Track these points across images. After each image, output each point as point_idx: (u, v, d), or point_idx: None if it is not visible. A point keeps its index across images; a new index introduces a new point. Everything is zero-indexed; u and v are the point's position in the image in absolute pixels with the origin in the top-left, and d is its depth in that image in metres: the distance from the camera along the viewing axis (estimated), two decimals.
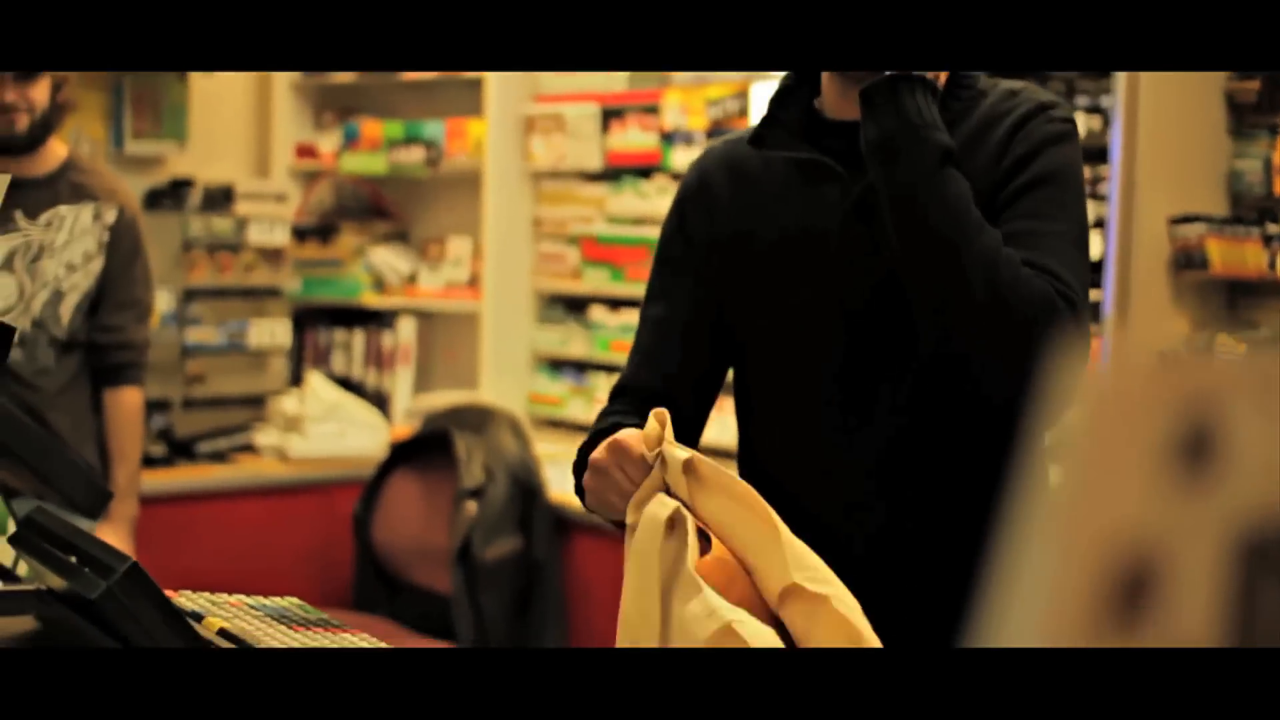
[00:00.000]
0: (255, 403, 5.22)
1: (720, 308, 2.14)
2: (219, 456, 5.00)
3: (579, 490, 2.03)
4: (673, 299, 2.17)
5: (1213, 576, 0.55)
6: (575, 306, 5.08)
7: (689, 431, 2.16)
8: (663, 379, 2.15)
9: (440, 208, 5.69)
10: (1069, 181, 2.01)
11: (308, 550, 4.80)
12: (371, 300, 5.58)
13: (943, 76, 2.00)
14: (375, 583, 4.49)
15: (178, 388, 5.05)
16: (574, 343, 5.01)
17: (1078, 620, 0.53)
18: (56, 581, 1.72)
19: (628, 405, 2.14)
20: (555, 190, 5.16)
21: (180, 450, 4.95)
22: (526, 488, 4.46)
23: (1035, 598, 0.54)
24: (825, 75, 2.12)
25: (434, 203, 5.73)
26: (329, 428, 5.01)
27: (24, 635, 1.77)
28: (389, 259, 5.61)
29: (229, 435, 5.07)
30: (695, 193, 2.18)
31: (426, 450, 4.70)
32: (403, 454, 4.79)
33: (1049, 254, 1.95)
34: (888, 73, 1.94)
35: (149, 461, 4.41)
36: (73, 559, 1.67)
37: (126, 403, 3.96)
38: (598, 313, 4.96)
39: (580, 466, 2.02)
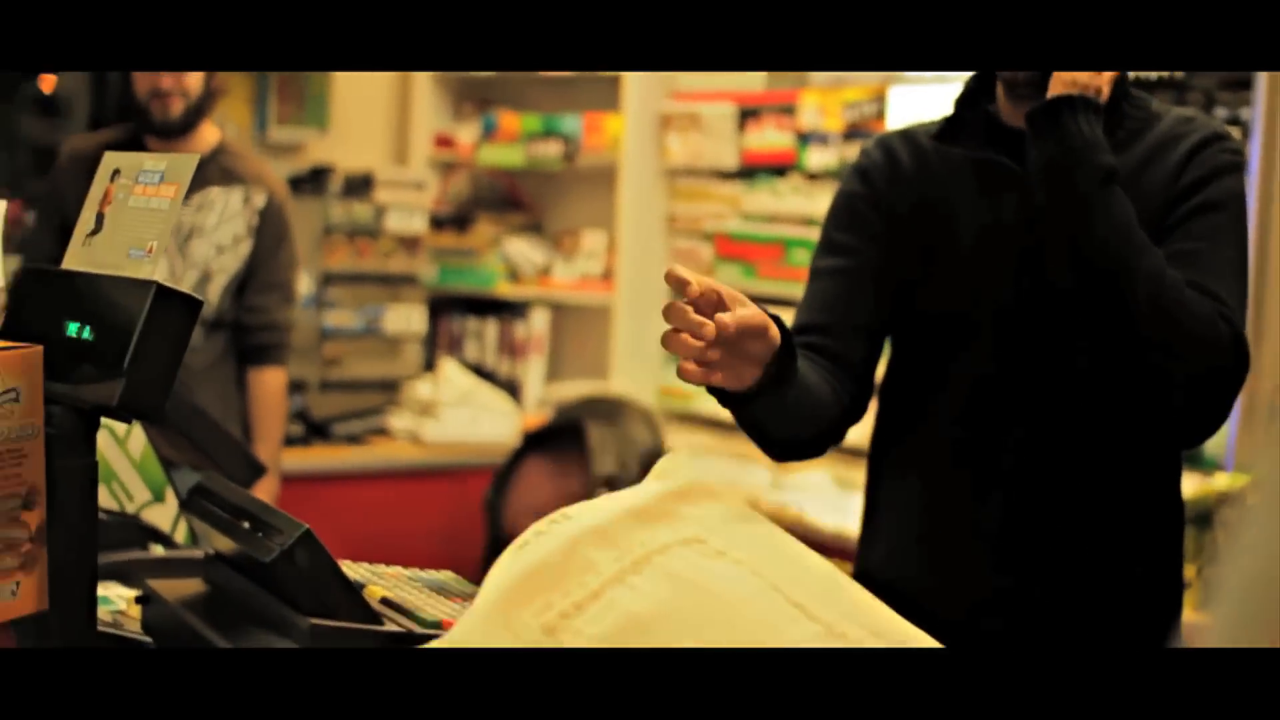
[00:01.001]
0: (390, 387, 5.32)
1: (892, 272, 2.20)
2: (354, 438, 5.10)
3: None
4: (849, 253, 2.23)
5: None
6: None
7: (856, 382, 2.23)
8: (834, 324, 2.21)
9: (575, 201, 5.76)
10: (1237, 211, 2.06)
11: (438, 533, 4.89)
12: (506, 290, 5.66)
13: (1106, 90, 2.03)
14: None
15: (315, 370, 5.16)
16: None
17: None
18: (227, 545, 1.79)
19: (809, 340, 2.21)
20: (690, 187, 5.21)
21: (316, 431, 5.06)
22: None
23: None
24: (998, 83, 2.17)
25: (569, 196, 5.80)
26: (462, 413, 5.09)
27: (193, 598, 1.84)
28: (524, 250, 5.69)
29: (364, 418, 5.17)
30: (881, 161, 2.25)
31: (559, 439, 4.77)
32: (535, 441, 4.87)
33: (1213, 277, 1.99)
34: (1050, 96, 1.99)
35: (286, 441, 4.52)
36: (245, 524, 1.75)
37: (270, 382, 4.07)
38: None
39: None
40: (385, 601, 1.78)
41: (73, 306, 1.68)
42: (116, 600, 2.05)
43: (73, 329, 1.66)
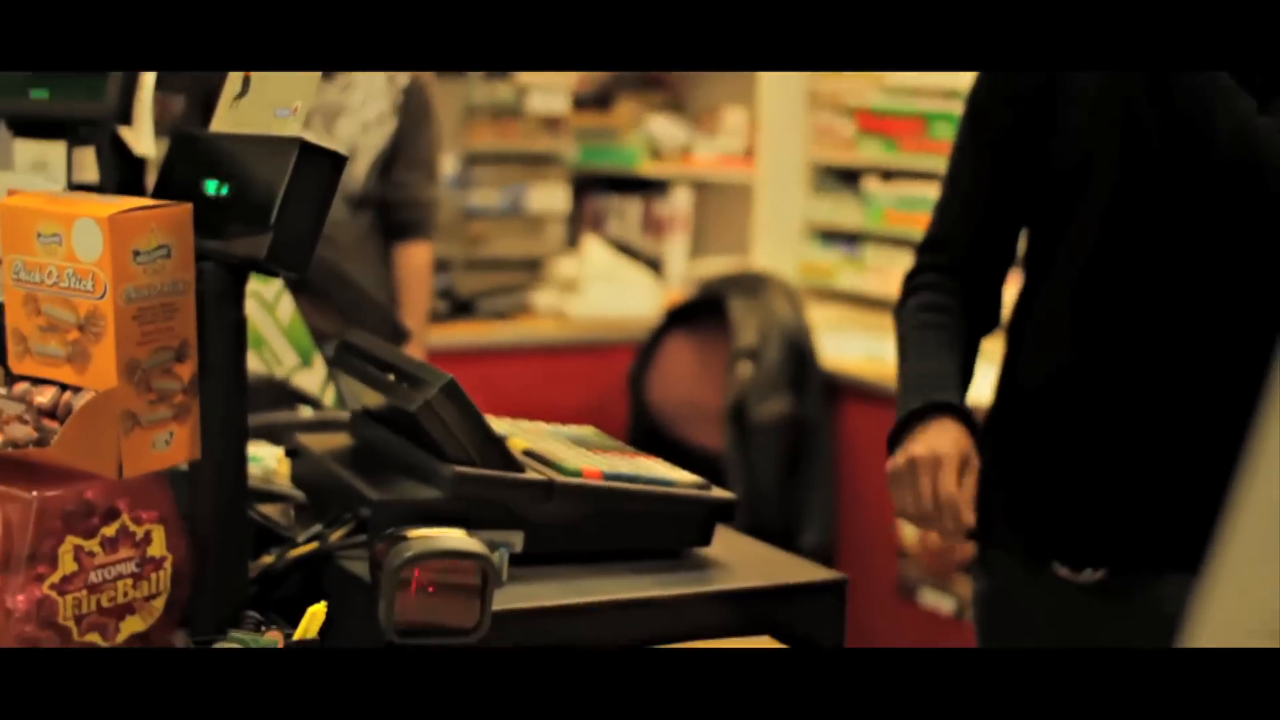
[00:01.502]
0: (533, 265, 5.36)
1: (1026, 172, 2.17)
2: (499, 314, 5.15)
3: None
4: (984, 156, 2.20)
5: None
6: (849, 178, 5.10)
7: (988, 295, 2.22)
8: (975, 229, 2.20)
9: (716, 78, 5.74)
10: None
11: (582, 408, 4.94)
12: (648, 169, 5.67)
13: None
14: (648, 441, 4.60)
15: (460, 248, 5.21)
16: (847, 213, 5.04)
17: None
18: (375, 399, 1.84)
19: (940, 259, 2.21)
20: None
21: (462, 308, 5.12)
22: (799, 351, 4.53)
23: None
24: None
25: (710, 73, 5.78)
26: (605, 289, 5.13)
27: (341, 451, 1.89)
28: (666, 128, 5.69)
29: (508, 294, 5.22)
30: None
31: (701, 314, 4.79)
32: (678, 317, 4.89)
33: None
34: None
35: (431, 318, 4.58)
36: (391, 377, 1.79)
37: (416, 257, 4.13)
38: (871, 184, 4.98)
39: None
40: (528, 453, 1.82)
41: (221, 166, 1.72)
42: (267, 458, 2.10)
43: (221, 188, 1.70)
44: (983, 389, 2.23)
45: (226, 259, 1.67)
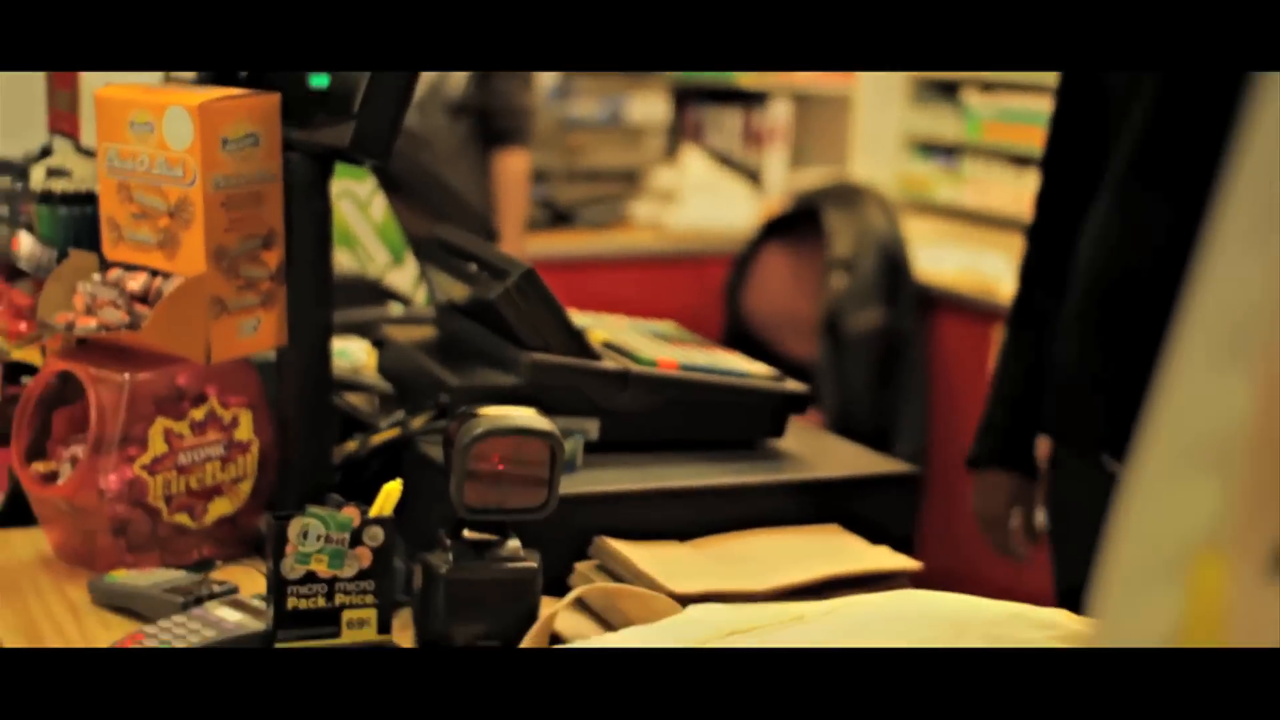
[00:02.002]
0: (632, 176, 5.38)
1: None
2: (597, 224, 5.18)
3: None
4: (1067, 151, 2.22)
5: None
6: (948, 89, 5.07)
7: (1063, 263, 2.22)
8: (1057, 232, 2.22)
9: None
10: None
11: (677, 317, 4.94)
12: (747, 81, 5.66)
13: None
14: (742, 350, 4.62)
15: (559, 159, 5.23)
16: (946, 125, 5.01)
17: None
18: (459, 291, 1.87)
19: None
20: None
21: (560, 218, 5.15)
22: (893, 262, 4.53)
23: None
24: None
25: None
26: (703, 200, 5.14)
27: (426, 341, 1.93)
28: None
29: (606, 205, 5.25)
30: None
31: (797, 225, 4.79)
32: (774, 228, 4.89)
33: None
34: None
35: (530, 227, 4.62)
36: (474, 267, 1.82)
37: (513, 164, 4.16)
38: (971, 96, 4.95)
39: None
40: (607, 344, 1.85)
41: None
42: (356, 352, 2.15)
43: (309, 80, 1.73)
44: None
45: (312, 148, 1.71)
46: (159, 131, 1.69)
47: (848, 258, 4.48)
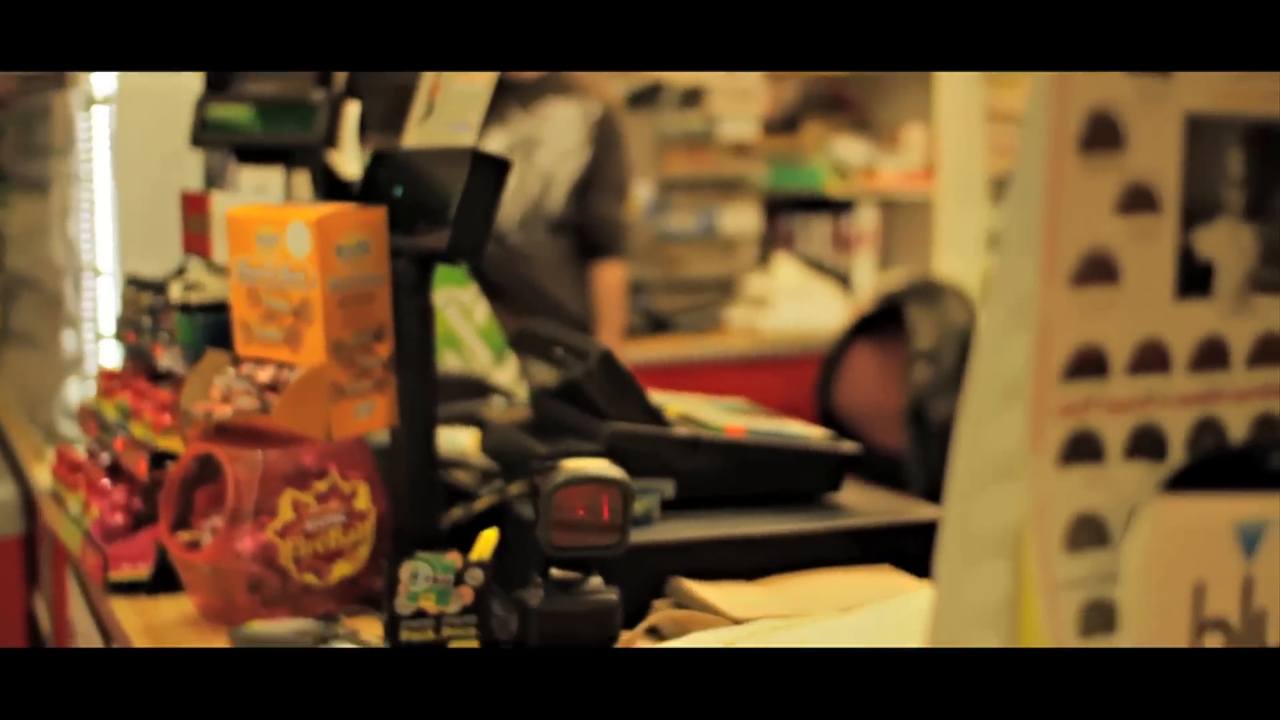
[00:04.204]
0: (726, 284, 5.63)
1: None
2: (694, 330, 5.43)
3: None
4: None
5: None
6: None
7: None
8: None
9: (898, 97, 5.95)
10: None
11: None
12: (834, 188, 5.91)
13: None
14: None
15: (657, 270, 5.50)
16: None
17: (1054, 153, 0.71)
18: (549, 375, 2.11)
19: None
20: (1009, 74, 5.36)
21: (659, 325, 5.40)
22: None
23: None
24: None
25: (892, 91, 6.00)
26: (796, 305, 5.38)
27: (521, 420, 2.17)
28: (851, 148, 5.92)
29: (703, 311, 5.50)
30: None
31: (883, 323, 5.01)
32: (863, 326, 5.11)
33: None
34: None
35: (631, 332, 4.86)
36: (560, 351, 2.06)
37: (610, 274, 4.42)
38: None
39: None
40: (682, 416, 2.08)
41: (410, 175, 2.01)
42: (463, 440, 2.39)
43: (410, 192, 1.99)
44: None
45: (415, 252, 1.97)
46: (282, 243, 1.95)
47: (930, 350, 4.69)
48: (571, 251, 4.42)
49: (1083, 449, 0.71)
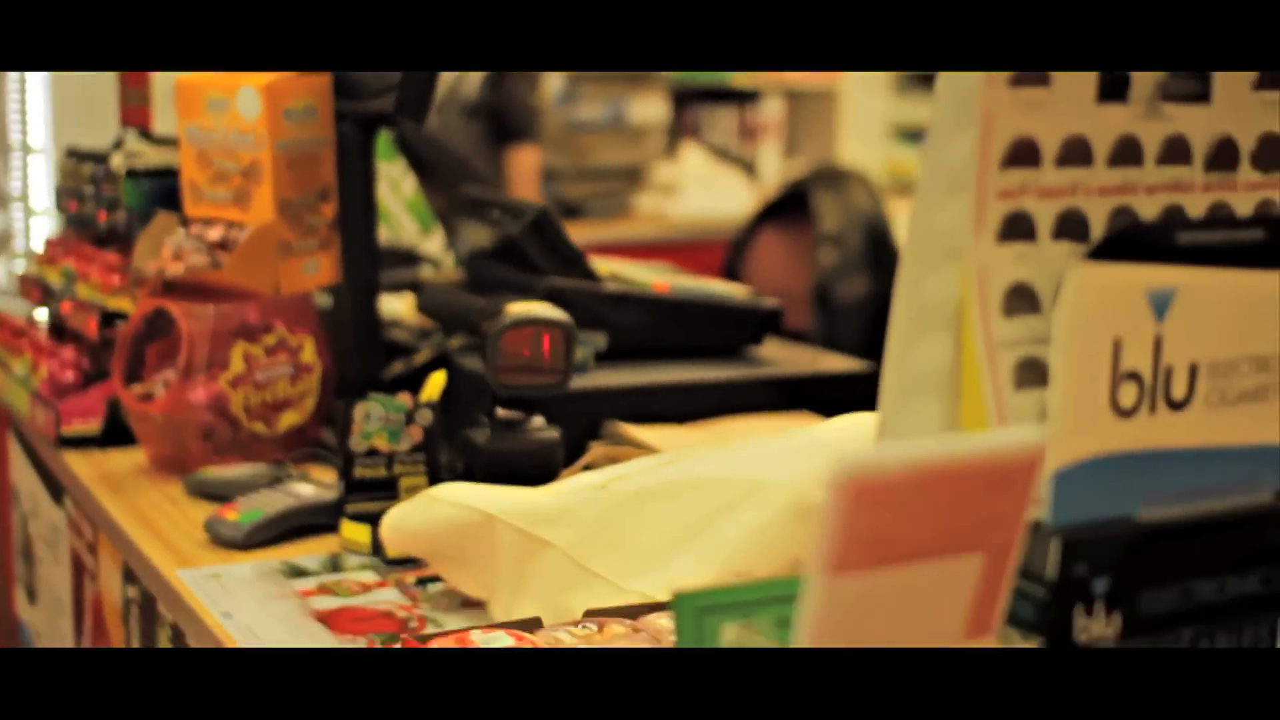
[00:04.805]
0: (635, 172, 5.72)
1: None
2: (604, 217, 5.53)
3: None
4: None
5: None
6: (927, 80, 5.41)
7: None
8: None
9: None
10: None
11: None
12: (740, 79, 6.00)
13: None
14: None
15: (567, 159, 5.58)
16: (926, 113, 5.34)
17: None
18: (485, 237, 2.21)
19: None
20: None
21: (570, 212, 5.49)
22: (878, 236, 4.86)
23: None
24: None
25: None
26: (702, 192, 5.48)
27: (459, 283, 2.27)
28: None
29: (612, 199, 5.59)
30: None
31: (788, 208, 5.13)
32: (768, 213, 5.23)
33: None
34: None
35: None
36: (496, 213, 2.16)
37: (526, 159, 4.51)
38: None
39: None
40: (613, 276, 2.19)
41: None
42: (396, 306, 2.48)
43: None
44: None
45: (360, 117, 2.05)
46: (232, 107, 2.03)
47: (835, 233, 4.82)
48: (485, 136, 4.50)
49: (1018, 228, 0.82)
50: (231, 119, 2.04)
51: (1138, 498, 0.83)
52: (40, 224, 3.21)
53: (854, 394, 2.07)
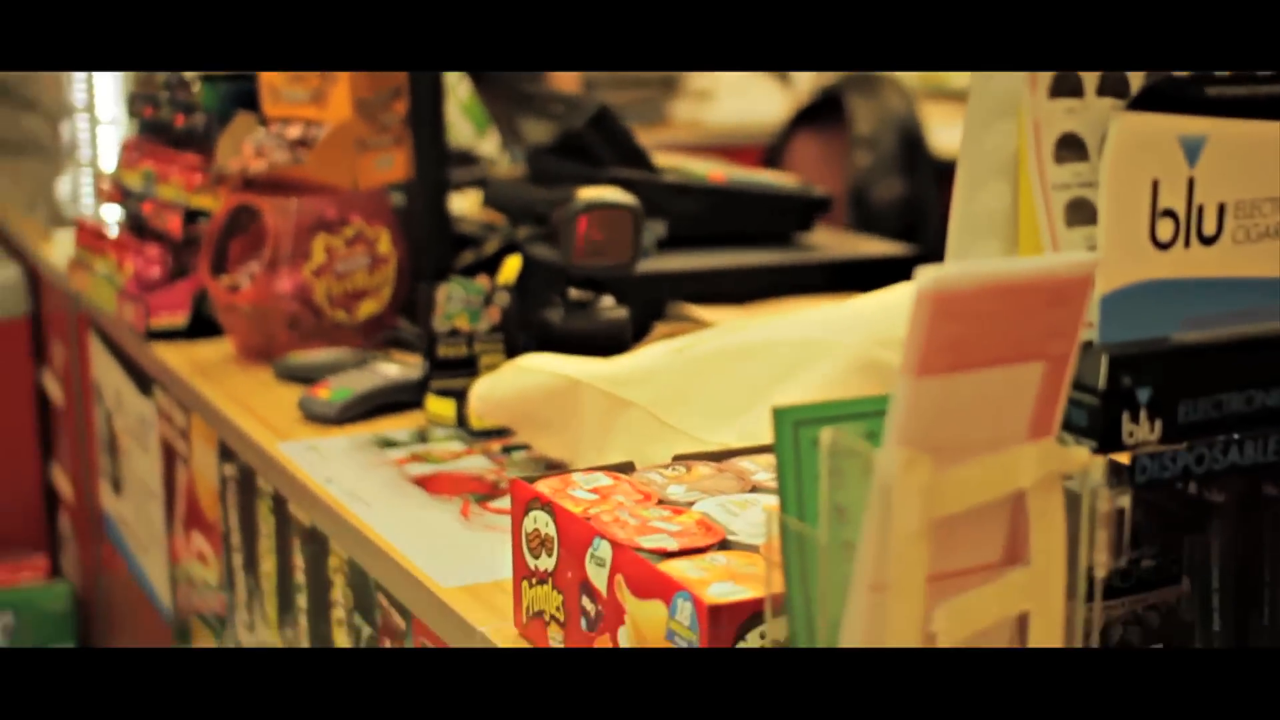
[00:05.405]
0: (670, 80, 5.83)
1: None
2: (641, 123, 5.63)
3: None
4: None
5: None
6: None
7: None
8: None
9: None
10: None
11: None
12: None
13: None
14: None
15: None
16: None
17: None
18: (546, 132, 2.33)
19: None
20: None
21: None
22: (912, 139, 4.96)
23: None
24: None
25: None
26: (737, 99, 5.59)
27: (523, 177, 2.39)
28: None
29: (649, 105, 5.70)
30: None
31: (823, 113, 5.23)
32: (802, 118, 5.33)
33: None
34: None
35: None
36: (559, 106, 2.28)
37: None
38: None
39: None
40: (669, 168, 2.31)
41: None
42: (459, 204, 2.60)
43: None
44: None
45: None
46: None
47: (869, 136, 4.92)
48: None
49: (1067, 86, 0.94)
50: None
51: (1176, 320, 0.96)
52: (108, 132, 3.34)
53: (897, 276, 2.19)
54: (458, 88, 3.03)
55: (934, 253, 1.04)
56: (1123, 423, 0.93)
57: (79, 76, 3.36)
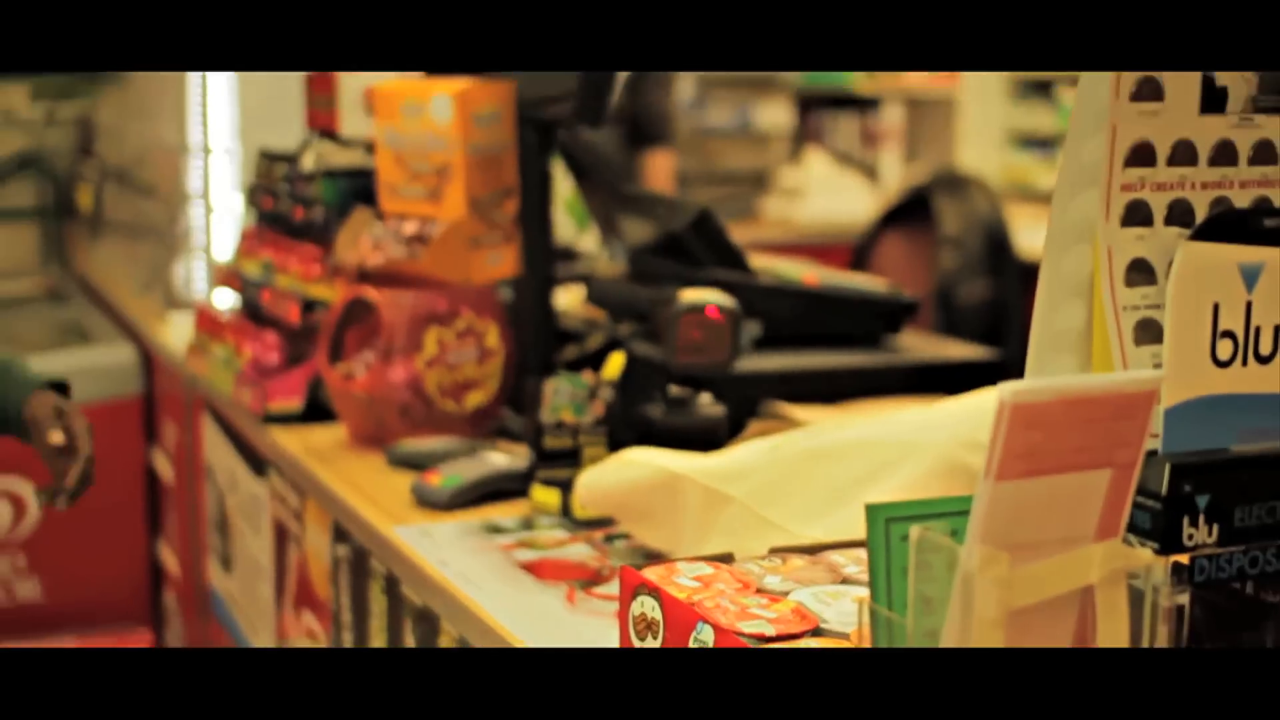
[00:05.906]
0: (761, 177, 5.96)
1: None
2: (731, 220, 5.76)
3: None
4: None
5: None
6: (1043, 87, 5.61)
7: None
8: None
9: None
10: None
11: None
12: (863, 86, 6.22)
13: None
14: None
15: (696, 163, 5.82)
16: (1042, 120, 5.55)
17: None
18: (648, 232, 2.44)
19: None
20: None
21: None
22: (998, 240, 5.05)
23: None
24: None
25: None
26: (826, 196, 5.71)
27: (624, 276, 2.50)
28: None
29: (739, 202, 5.83)
30: None
31: (910, 212, 5.33)
32: (890, 217, 5.43)
33: None
34: None
35: None
36: (660, 208, 2.40)
37: (661, 162, 4.76)
38: (1064, 92, 5.47)
39: None
40: (764, 271, 2.41)
41: None
42: (560, 298, 2.71)
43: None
44: None
45: (540, 121, 2.29)
46: (426, 112, 2.28)
47: (956, 236, 5.01)
48: (622, 140, 4.76)
49: (1137, 215, 1.04)
50: (425, 123, 2.29)
51: (1233, 432, 1.05)
52: (221, 220, 3.48)
53: (981, 379, 2.28)
54: (560, 185, 3.15)
55: (1017, 357, 1.14)
56: (1183, 526, 1.03)
57: (196, 165, 3.51)
